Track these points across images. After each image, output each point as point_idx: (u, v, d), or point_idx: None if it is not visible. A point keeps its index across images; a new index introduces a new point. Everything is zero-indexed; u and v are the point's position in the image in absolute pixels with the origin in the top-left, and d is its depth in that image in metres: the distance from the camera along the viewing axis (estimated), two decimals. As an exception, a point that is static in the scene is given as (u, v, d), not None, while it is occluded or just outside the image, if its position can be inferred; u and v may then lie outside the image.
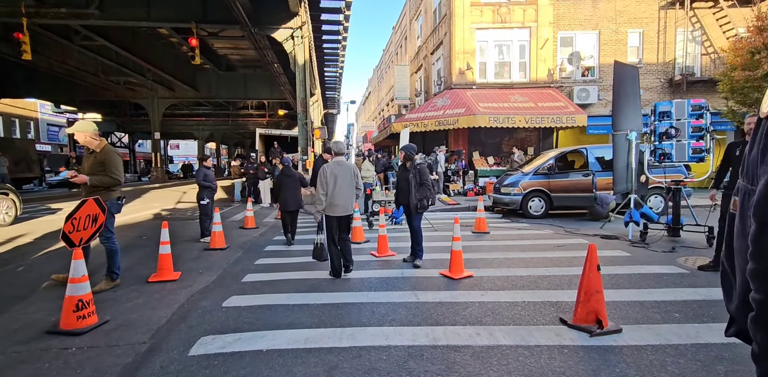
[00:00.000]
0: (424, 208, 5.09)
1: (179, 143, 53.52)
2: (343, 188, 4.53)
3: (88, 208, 3.42)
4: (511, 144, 15.27)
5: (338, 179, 4.51)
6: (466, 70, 14.71)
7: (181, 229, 8.40)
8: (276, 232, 8.13)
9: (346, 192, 4.55)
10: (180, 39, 18.42)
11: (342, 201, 4.54)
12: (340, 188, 4.51)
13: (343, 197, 4.54)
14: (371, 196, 9.15)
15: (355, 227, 6.75)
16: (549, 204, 9.11)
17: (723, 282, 1.04)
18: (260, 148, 18.35)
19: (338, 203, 4.53)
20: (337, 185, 4.50)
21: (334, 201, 4.52)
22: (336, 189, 4.50)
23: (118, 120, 32.08)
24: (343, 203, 4.55)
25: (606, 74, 15.09)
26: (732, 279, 0.98)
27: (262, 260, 5.69)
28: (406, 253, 5.63)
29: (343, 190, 4.53)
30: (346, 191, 4.55)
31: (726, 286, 1.02)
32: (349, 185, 4.58)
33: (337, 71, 26.24)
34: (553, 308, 3.61)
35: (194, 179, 7.87)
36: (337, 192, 4.50)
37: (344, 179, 4.54)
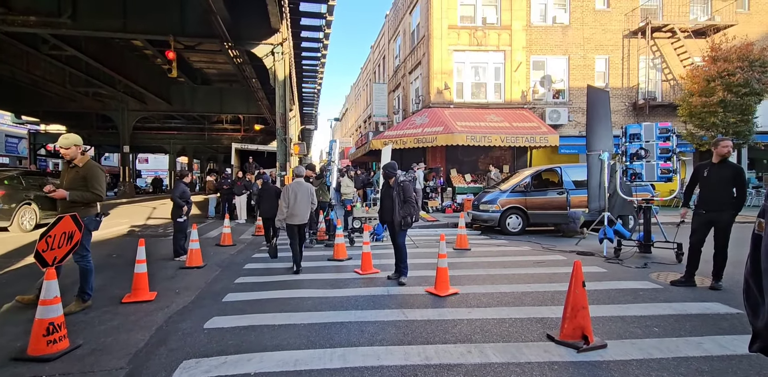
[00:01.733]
0: (408, 225, 5.12)
1: (148, 156, 51.89)
2: (301, 203, 5.84)
3: (63, 225, 3.26)
4: (488, 162, 15.66)
5: (298, 196, 5.82)
6: (444, 89, 15.13)
7: (154, 246, 8.06)
8: (254, 249, 7.95)
9: (303, 206, 5.87)
10: (155, 51, 18.11)
11: (299, 212, 5.86)
12: (299, 203, 5.82)
13: (301, 210, 5.86)
14: (351, 212, 9.12)
15: (337, 245, 6.71)
16: (526, 221, 9.34)
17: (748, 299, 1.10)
18: (236, 163, 18.04)
19: (296, 213, 5.84)
20: (297, 201, 5.81)
21: (294, 212, 5.82)
22: (296, 204, 5.80)
23: (84, 132, 30.72)
24: (300, 214, 5.87)
25: (575, 97, 15.87)
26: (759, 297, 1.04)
27: (242, 278, 5.53)
28: (390, 270, 5.62)
29: (301, 204, 5.84)
30: (303, 206, 5.87)
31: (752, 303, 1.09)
32: (306, 201, 5.89)
33: (315, 88, 26.39)
34: (539, 324, 3.67)
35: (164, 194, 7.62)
36: (296, 206, 5.81)
37: (302, 196, 5.87)
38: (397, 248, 5.21)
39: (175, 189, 6.80)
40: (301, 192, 5.85)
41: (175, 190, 6.79)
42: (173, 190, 6.86)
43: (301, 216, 5.88)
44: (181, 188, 6.79)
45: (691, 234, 4.87)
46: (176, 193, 6.72)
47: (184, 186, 6.85)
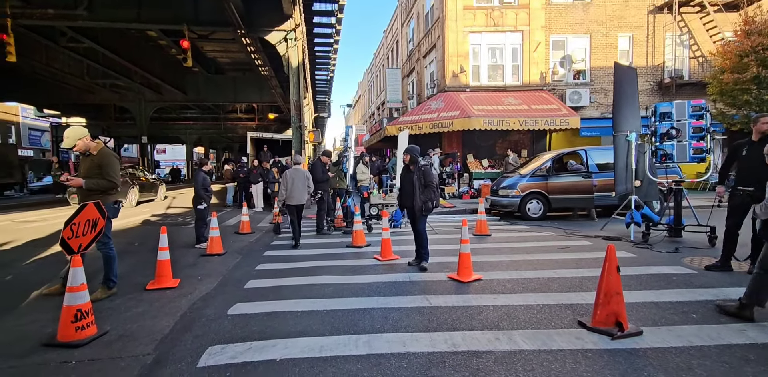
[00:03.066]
0: (429, 210, 5.01)
1: (166, 147, 52.73)
2: (297, 187, 6.77)
3: (87, 213, 3.26)
4: (505, 147, 15.32)
5: (295, 181, 6.75)
6: (460, 73, 14.75)
7: (175, 234, 8.16)
8: (272, 237, 7.97)
9: (299, 189, 6.79)
10: (169, 42, 18.08)
11: (296, 195, 6.78)
12: (296, 187, 6.75)
13: (297, 192, 6.78)
14: (368, 199, 9.04)
15: (355, 231, 6.65)
16: (547, 206, 9.11)
17: None
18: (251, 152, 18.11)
19: (293, 196, 6.77)
20: (294, 185, 6.74)
21: (291, 195, 6.76)
22: (293, 187, 6.74)
23: (103, 124, 31.43)
24: (297, 196, 6.79)
25: (597, 77, 15.29)
26: None
27: (263, 265, 5.53)
28: (410, 256, 5.54)
29: (297, 188, 6.77)
30: (299, 189, 6.79)
31: None
32: (302, 185, 6.80)
33: (329, 75, 26.17)
34: (568, 310, 3.54)
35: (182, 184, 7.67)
36: (293, 189, 6.74)
37: (299, 180, 6.80)
38: (418, 233, 5.11)
39: (196, 179, 6.80)
40: (297, 178, 6.76)
41: (196, 180, 6.80)
42: (194, 180, 6.87)
43: (297, 198, 6.78)
44: (201, 176, 6.79)
45: (728, 216, 4.63)
46: (198, 183, 6.73)
47: (204, 175, 6.86)
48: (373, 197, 9.16)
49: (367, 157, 10.31)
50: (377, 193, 9.55)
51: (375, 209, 8.96)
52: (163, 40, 18.70)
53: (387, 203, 8.96)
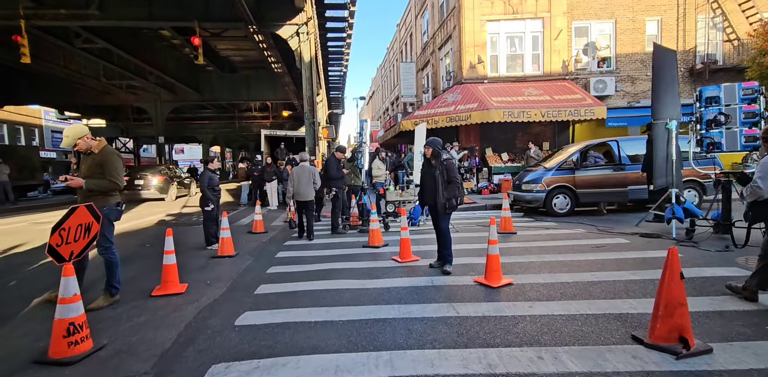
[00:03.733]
0: (453, 208, 4.60)
1: (183, 147, 53.40)
2: (302, 183, 6.96)
3: (79, 216, 2.97)
4: (526, 139, 14.71)
5: (300, 178, 6.96)
6: (477, 63, 14.19)
7: (186, 235, 7.96)
8: (286, 236, 7.67)
9: (305, 186, 6.97)
10: (182, 40, 18.03)
11: (302, 191, 6.97)
12: (302, 184, 6.96)
13: (303, 188, 6.97)
14: (384, 196, 8.67)
15: (372, 230, 6.28)
16: (574, 201, 8.58)
17: None
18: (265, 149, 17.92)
19: (299, 192, 6.97)
20: (300, 181, 6.95)
21: (297, 191, 6.98)
22: (299, 184, 6.96)
23: (122, 125, 31.87)
24: (302, 192, 6.97)
25: (623, 64, 14.51)
26: None
27: (275, 268, 5.22)
28: (431, 257, 5.16)
29: (302, 184, 6.96)
30: (305, 185, 6.97)
31: None
32: (307, 182, 6.97)
33: (342, 70, 25.83)
34: (618, 322, 3.10)
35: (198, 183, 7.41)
36: (299, 186, 6.96)
37: (304, 177, 6.97)
38: (440, 233, 4.71)
39: (203, 177, 6.54)
40: (302, 174, 6.97)
41: (202, 178, 6.53)
42: (200, 178, 6.59)
43: (303, 194, 6.97)
44: (208, 175, 6.52)
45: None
46: (204, 181, 6.46)
47: (211, 173, 6.58)
48: (390, 193, 8.79)
49: (383, 152, 9.93)
50: (393, 190, 9.16)
51: (391, 207, 8.59)
52: (177, 40, 18.67)
53: (404, 200, 8.57)
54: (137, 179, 15.01)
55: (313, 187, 6.99)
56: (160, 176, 15.36)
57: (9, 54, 14.81)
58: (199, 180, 6.58)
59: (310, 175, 6.96)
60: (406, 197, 8.97)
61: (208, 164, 6.73)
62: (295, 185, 6.90)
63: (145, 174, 15.31)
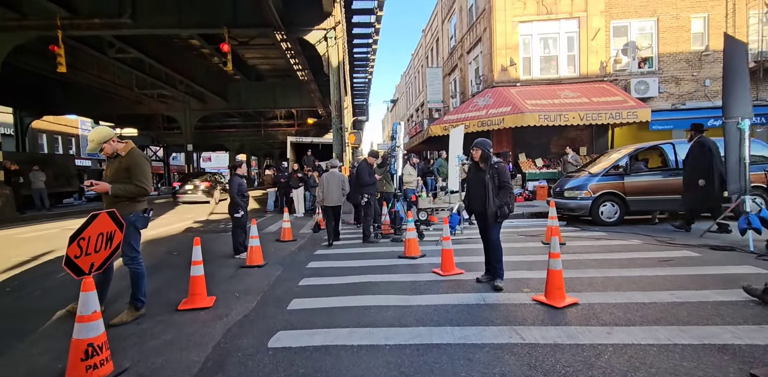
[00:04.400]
0: (504, 216, 4.13)
1: (211, 155, 54.57)
2: (332, 189, 7.04)
3: (100, 224, 2.68)
4: (561, 144, 14.05)
5: (330, 183, 7.06)
6: (510, 66, 13.67)
7: (214, 243, 7.74)
8: (316, 245, 7.34)
9: (334, 191, 7.04)
10: (211, 49, 18.28)
11: (331, 196, 7.05)
12: (330, 189, 7.04)
13: (332, 194, 7.05)
14: (417, 203, 8.24)
15: (408, 240, 5.85)
16: (624, 209, 7.91)
17: None
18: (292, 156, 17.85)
19: (328, 197, 7.06)
20: (329, 187, 7.02)
21: (327, 196, 7.05)
22: (328, 190, 7.04)
23: (153, 134, 32.75)
24: (331, 197, 7.05)
25: (666, 64, 13.69)
26: None
27: (307, 280, 4.85)
28: (474, 271, 4.70)
29: (332, 190, 7.04)
30: (334, 191, 7.04)
31: None
32: (336, 188, 7.04)
33: (367, 77, 25.74)
34: (724, 355, 2.56)
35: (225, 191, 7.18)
36: (328, 191, 7.04)
37: (333, 183, 7.07)
38: (490, 244, 4.24)
39: (232, 183, 6.28)
40: (332, 180, 7.06)
41: (231, 184, 6.28)
42: (229, 184, 6.35)
43: (331, 199, 7.05)
44: (237, 181, 6.27)
45: None
46: (234, 187, 6.20)
47: (240, 179, 6.33)
48: (422, 200, 8.36)
49: (415, 158, 9.50)
50: (426, 196, 8.73)
51: (424, 214, 8.15)
52: (206, 49, 18.96)
53: (437, 207, 8.13)
54: (188, 184, 17.81)
55: (342, 193, 7.09)
56: (207, 182, 18.08)
57: (46, 64, 15.31)
58: (228, 186, 6.33)
59: (340, 181, 7.08)
60: (439, 204, 8.52)
61: (236, 170, 6.49)
62: (325, 191, 7.04)
63: (194, 180, 18.14)
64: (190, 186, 17.66)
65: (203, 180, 18.21)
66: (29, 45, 13.54)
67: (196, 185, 17.77)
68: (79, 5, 11.63)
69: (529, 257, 5.49)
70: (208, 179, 18.54)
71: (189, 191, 17.57)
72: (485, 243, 4.36)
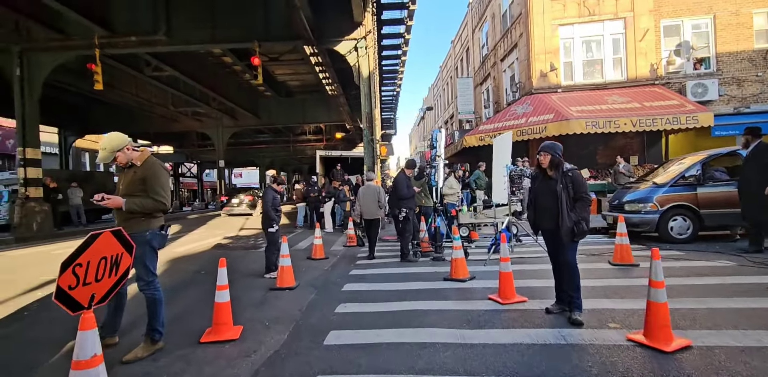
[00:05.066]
0: (583, 234, 3.42)
1: (242, 171, 55.69)
2: (367, 202, 6.93)
3: (102, 246, 2.20)
4: (608, 154, 13.05)
5: (365, 196, 6.97)
6: (550, 71, 12.93)
7: (243, 260, 7.30)
8: (350, 263, 6.75)
9: (370, 205, 6.91)
10: (243, 66, 18.51)
11: (367, 209, 6.95)
12: (366, 202, 6.93)
13: (368, 207, 6.93)
14: (456, 218, 7.57)
15: (456, 260, 5.17)
16: (698, 224, 6.93)
17: None
18: (320, 170, 17.58)
19: (365, 211, 6.97)
20: (365, 200, 6.94)
21: (363, 209, 6.98)
22: (364, 202, 6.96)
23: (187, 151, 33.58)
24: (367, 211, 6.96)
25: (726, 65, 12.57)
26: None
27: (344, 306, 4.25)
28: (537, 297, 3.97)
29: (367, 204, 6.92)
30: (370, 204, 6.91)
31: None
32: (372, 201, 6.91)
33: (395, 90, 25.48)
34: None
35: None
36: (364, 204, 6.96)
37: (369, 196, 6.95)
38: (564, 267, 3.53)
39: (265, 197, 5.84)
40: (368, 193, 7.02)
41: (265, 198, 5.83)
42: (263, 198, 5.90)
43: (367, 213, 7.00)
44: (271, 194, 5.83)
45: None
46: (267, 201, 5.75)
47: (274, 193, 5.89)
48: (463, 215, 7.67)
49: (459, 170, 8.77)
50: (467, 210, 8.03)
51: (465, 230, 7.45)
52: (237, 66, 19.22)
53: (479, 222, 7.43)
54: (234, 198, 20.56)
55: (379, 206, 6.97)
56: (250, 196, 20.60)
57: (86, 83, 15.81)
58: (262, 199, 5.90)
59: (375, 194, 6.99)
60: (482, 219, 7.81)
61: (275, 184, 6.03)
62: (362, 204, 7.01)
63: (239, 195, 20.80)
64: (236, 200, 20.22)
65: (247, 195, 20.91)
66: (69, 64, 13.97)
67: (242, 199, 20.21)
68: (116, 24, 11.88)
69: (602, 282, 4.68)
70: (252, 194, 21.36)
71: (235, 204, 19.98)
72: (557, 266, 3.65)
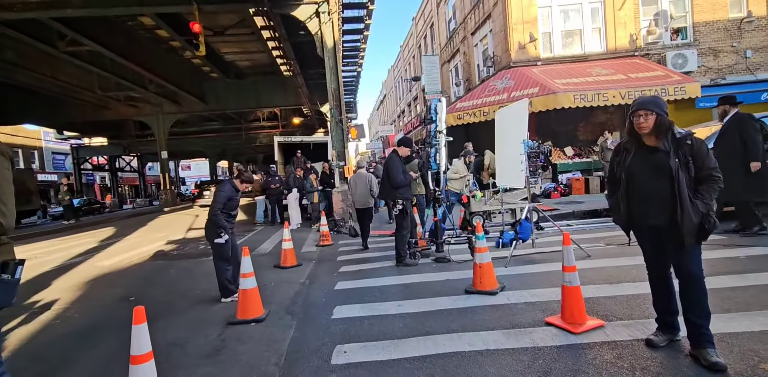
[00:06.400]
0: (712, 228, 2.26)
1: (190, 163, 51.75)
2: (359, 191, 6.76)
3: None
4: (590, 130, 12.39)
5: (357, 185, 6.82)
6: (530, 42, 11.92)
7: (191, 275, 5.70)
8: (332, 271, 5.36)
9: (362, 194, 6.74)
10: (183, 42, 16.03)
11: (359, 199, 6.80)
12: (358, 191, 6.78)
13: (360, 197, 6.77)
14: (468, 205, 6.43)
15: (481, 266, 3.90)
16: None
17: None
18: (279, 159, 15.86)
19: (357, 200, 6.85)
20: (357, 189, 6.78)
21: (355, 199, 6.90)
22: (355, 191, 6.85)
23: (125, 142, 30.08)
24: (359, 199, 6.80)
25: (703, 35, 12.13)
26: None
27: (342, 352, 2.87)
28: (600, 312, 2.81)
29: (359, 193, 6.76)
30: (361, 193, 6.74)
31: None
32: (364, 189, 6.72)
33: (356, 70, 23.75)
34: None
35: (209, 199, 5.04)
36: (356, 194, 6.86)
37: (360, 184, 6.78)
38: (689, 282, 2.34)
39: (218, 194, 4.23)
40: (359, 181, 6.71)
41: (217, 195, 4.22)
42: (215, 194, 4.28)
43: (360, 201, 6.70)
44: (228, 190, 4.23)
45: None
46: (219, 199, 4.17)
47: (232, 188, 4.31)
48: (475, 202, 6.50)
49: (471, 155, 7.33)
50: (480, 197, 6.82)
51: (479, 219, 6.30)
52: (176, 41, 16.67)
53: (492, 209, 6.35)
54: (206, 190, 21.96)
55: (371, 194, 6.66)
56: None
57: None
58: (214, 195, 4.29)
59: (367, 182, 6.67)
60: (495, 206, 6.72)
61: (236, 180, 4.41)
62: (353, 193, 6.85)
63: (210, 187, 21.76)
64: (209, 193, 21.11)
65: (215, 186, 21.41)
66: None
67: (212, 190, 19.87)
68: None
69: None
70: None
71: (207, 196, 20.79)
72: (662, 280, 2.49)
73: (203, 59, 18.34)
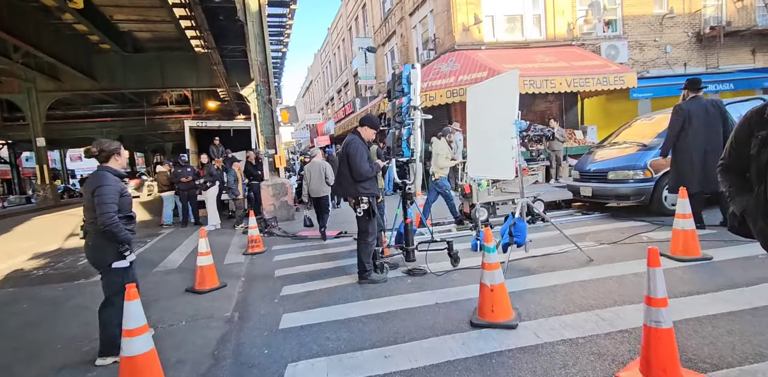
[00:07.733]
0: None
1: (80, 154, 44.52)
2: (314, 180, 6.71)
3: None
4: (530, 119, 12.09)
5: (312, 174, 6.76)
6: (474, 25, 11.23)
7: (54, 313, 3.91)
8: (271, 294, 3.97)
9: (316, 182, 6.68)
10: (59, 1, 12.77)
11: (314, 187, 6.73)
12: (313, 180, 6.72)
13: (315, 185, 6.71)
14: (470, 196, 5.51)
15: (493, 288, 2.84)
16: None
17: None
18: (192, 147, 13.51)
19: (312, 188, 6.75)
20: (312, 178, 6.72)
21: (310, 187, 6.78)
22: (311, 180, 6.75)
23: (-12, 127, 24.40)
24: (314, 188, 6.72)
25: (631, 28, 12.48)
26: None
27: None
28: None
29: (314, 181, 6.71)
30: (316, 182, 6.68)
31: None
32: (318, 178, 6.67)
33: (281, 50, 21.48)
34: None
35: None
36: (311, 182, 6.76)
37: (315, 173, 6.72)
38: None
39: (101, 191, 2.62)
40: (314, 171, 6.71)
41: (100, 193, 2.60)
42: (97, 193, 2.64)
43: (315, 190, 6.66)
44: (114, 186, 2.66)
45: None
46: (105, 199, 2.57)
47: (117, 182, 2.73)
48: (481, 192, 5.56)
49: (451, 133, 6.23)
50: (486, 186, 5.80)
51: (483, 213, 5.40)
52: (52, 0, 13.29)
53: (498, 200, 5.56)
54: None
55: (326, 182, 6.58)
56: (137, 180, 20.60)
57: None
58: (95, 196, 2.64)
59: (321, 171, 6.62)
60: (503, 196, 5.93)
61: (108, 161, 2.80)
62: (308, 182, 6.77)
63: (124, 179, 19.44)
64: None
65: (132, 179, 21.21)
66: None
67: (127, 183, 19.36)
68: None
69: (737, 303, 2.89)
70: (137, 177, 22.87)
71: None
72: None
73: (90, 26, 14.98)
